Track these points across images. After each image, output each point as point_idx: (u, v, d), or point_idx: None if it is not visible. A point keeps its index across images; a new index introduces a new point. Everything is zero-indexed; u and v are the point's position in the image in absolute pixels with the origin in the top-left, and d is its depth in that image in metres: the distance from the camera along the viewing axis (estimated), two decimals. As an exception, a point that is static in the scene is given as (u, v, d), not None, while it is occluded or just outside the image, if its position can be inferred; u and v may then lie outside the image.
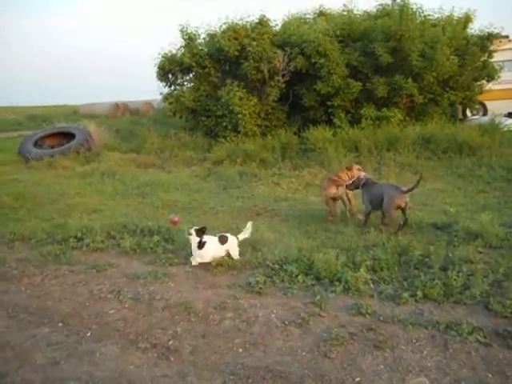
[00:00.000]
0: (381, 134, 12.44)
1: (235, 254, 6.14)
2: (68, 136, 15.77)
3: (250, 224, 6.37)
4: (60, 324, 4.83)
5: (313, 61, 13.62)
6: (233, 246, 6.16)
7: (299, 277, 5.56)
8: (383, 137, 12.29)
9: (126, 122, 22.65)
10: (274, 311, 4.91)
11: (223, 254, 6.12)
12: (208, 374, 3.97)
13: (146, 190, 9.98)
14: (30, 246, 7.13)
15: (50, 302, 5.31)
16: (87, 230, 7.26)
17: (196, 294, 5.34)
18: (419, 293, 5.04)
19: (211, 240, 6.07)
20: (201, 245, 6.00)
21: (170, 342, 4.44)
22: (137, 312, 5.01)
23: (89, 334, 4.62)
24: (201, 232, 6.01)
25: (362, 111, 13.50)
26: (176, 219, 6.75)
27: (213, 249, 6.05)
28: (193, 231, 5.99)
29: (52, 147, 15.36)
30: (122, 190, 10.24)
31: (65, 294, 5.48)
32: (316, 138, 12.49)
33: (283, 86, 14.29)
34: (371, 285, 5.33)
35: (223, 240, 6.12)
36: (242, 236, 6.29)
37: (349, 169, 7.73)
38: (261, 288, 5.38)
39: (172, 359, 4.20)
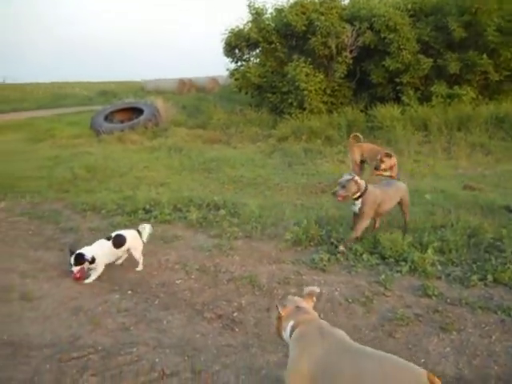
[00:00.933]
0: (452, 112, 12.00)
1: (138, 255, 5.54)
2: (136, 111, 16.16)
3: (147, 226, 5.75)
4: (129, 292, 5.02)
5: (382, 36, 13.25)
6: (134, 244, 5.54)
7: (364, 255, 5.52)
8: (454, 115, 11.85)
9: (192, 98, 22.93)
10: (338, 289, 4.91)
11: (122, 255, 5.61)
12: (271, 347, 4.02)
13: (211, 166, 10.11)
14: (100, 216, 7.41)
15: (119, 270, 5.52)
16: (155, 203, 7.46)
17: (260, 268, 5.40)
18: (489, 276, 4.90)
19: (101, 247, 5.34)
20: (90, 261, 5.20)
21: (235, 314, 4.53)
22: (203, 283, 5.13)
23: (156, 302, 4.78)
24: (78, 257, 5.15)
25: (432, 89, 13.02)
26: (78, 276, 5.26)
27: (106, 257, 5.37)
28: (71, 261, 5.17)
29: (121, 122, 15.79)
30: (189, 164, 10.41)
31: (134, 263, 5.67)
32: (383, 116, 12.22)
33: (351, 62, 14.02)
34: (439, 266, 5.22)
35: (119, 241, 5.44)
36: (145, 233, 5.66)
37: (389, 156, 7.43)
38: (325, 265, 5.37)
39: (236, 330, 4.29)
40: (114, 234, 5.48)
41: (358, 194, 5.58)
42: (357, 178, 5.61)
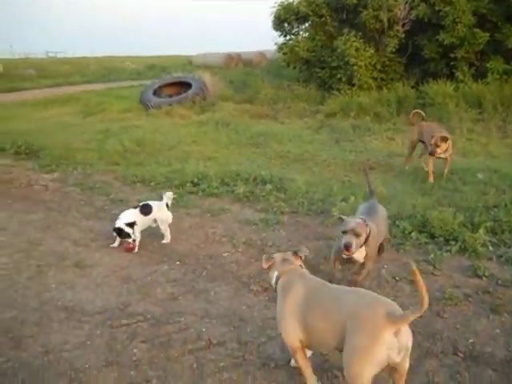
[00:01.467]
0: (508, 89, 11.53)
1: (164, 227, 5.64)
2: (184, 85, 16.25)
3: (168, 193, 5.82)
4: (178, 262, 5.13)
5: (436, 8, 12.75)
6: (161, 215, 5.63)
7: (412, 234, 5.44)
8: (511, 93, 11.40)
9: (239, 72, 22.87)
10: (385, 266, 4.87)
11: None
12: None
13: (258, 140, 10.11)
14: (149, 188, 7.57)
15: (169, 242, 5.62)
16: (203, 176, 7.55)
17: (306, 243, 5.40)
18: (544, 259, 4.75)
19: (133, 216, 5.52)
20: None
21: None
22: (249, 256, 5.18)
23: (204, 274, 4.86)
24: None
25: (488, 64, 12.50)
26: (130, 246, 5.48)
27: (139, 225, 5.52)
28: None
29: (170, 96, 15.92)
30: (236, 139, 10.45)
31: (181, 235, 5.78)
32: (435, 93, 11.86)
33: (402, 36, 13.60)
34: (490, 247, 5.09)
35: (147, 210, 5.59)
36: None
37: (444, 139, 7.15)
38: (372, 242, 5.32)
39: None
40: (140, 204, 5.65)
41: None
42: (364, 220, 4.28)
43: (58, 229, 6.08)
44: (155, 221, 5.60)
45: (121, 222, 5.35)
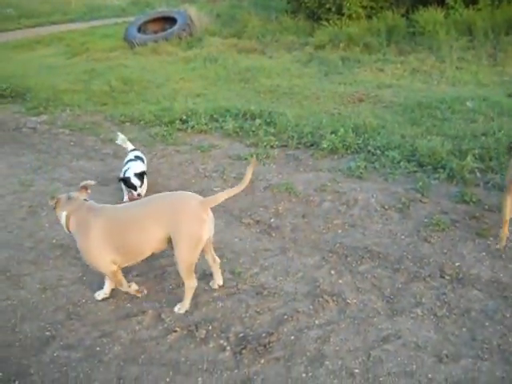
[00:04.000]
0: (500, 15, 11.24)
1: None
2: (169, 21, 15.76)
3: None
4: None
5: None
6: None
7: (401, 163, 5.48)
8: (502, 19, 11.11)
9: (226, 6, 22.13)
10: (374, 195, 4.93)
11: None
12: (308, 251, 4.14)
13: (247, 76, 9.94)
14: (138, 127, 7.50)
15: (159, 178, 5.65)
16: (192, 113, 7.48)
17: (297, 176, 5.45)
18: (530, 183, 4.81)
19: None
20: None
21: (272, 220, 4.64)
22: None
23: (196, 209, 4.90)
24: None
25: (480, -11, 12.19)
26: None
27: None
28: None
29: (155, 32, 15.48)
30: (224, 75, 10.27)
31: (173, 171, 5.79)
32: (426, 21, 11.57)
33: (393, -39, 13.15)
34: (477, 174, 5.15)
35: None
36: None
37: None
38: (361, 173, 5.37)
39: (273, 235, 4.41)
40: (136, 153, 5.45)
41: None
42: None
43: (48, 170, 6.08)
44: None
45: (131, 172, 4.97)
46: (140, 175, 4.95)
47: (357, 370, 2.92)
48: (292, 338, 3.21)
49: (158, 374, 3.01)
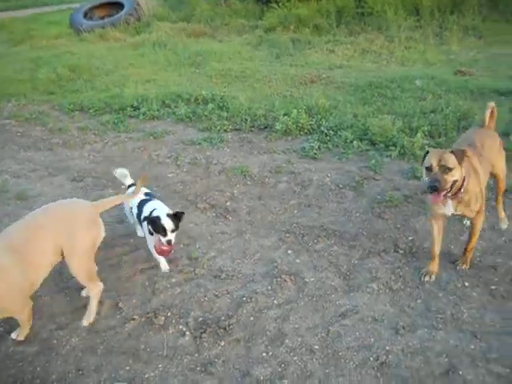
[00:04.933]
0: (445, -7, 11.49)
1: None
2: (116, 6, 15.38)
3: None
4: (122, 186, 5.04)
5: None
6: None
7: (354, 142, 5.54)
8: (448, -3, 11.36)
9: (174, -11, 21.83)
10: (329, 175, 4.98)
11: None
12: (264, 232, 4.15)
13: (198, 60, 9.83)
14: (88, 115, 7.32)
15: (112, 166, 5.50)
16: (143, 100, 7.36)
17: (251, 158, 5.44)
18: (478, 157, 4.95)
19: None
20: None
21: (228, 203, 4.63)
22: (194, 175, 5.18)
23: (150, 196, 4.84)
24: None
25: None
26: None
27: None
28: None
29: (102, 18, 15.10)
30: (175, 60, 10.12)
31: (125, 159, 5.69)
32: (374, 1, 11.68)
33: None
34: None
35: None
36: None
37: None
38: (315, 153, 5.41)
39: (230, 218, 4.40)
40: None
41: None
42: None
43: (-5, 162, 5.88)
44: None
45: (161, 212, 3.55)
46: (175, 217, 3.55)
47: (316, 347, 2.96)
48: (251, 319, 3.22)
49: (117, 362, 2.97)
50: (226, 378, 2.82)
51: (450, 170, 3.05)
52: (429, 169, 3.11)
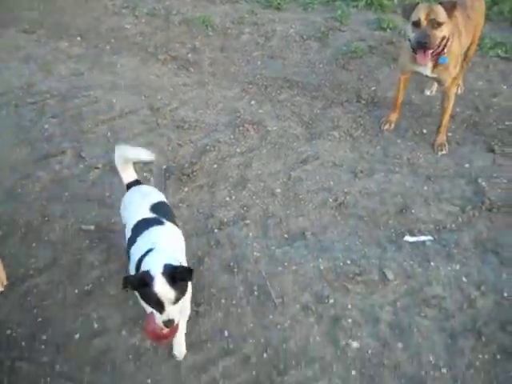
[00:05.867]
0: None
1: None
2: None
3: None
4: (78, 38, 4.81)
5: None
6: None
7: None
8: None
9: None
10: (293, 26, 4.81)
11: None
12: (227, 84, 4.09)
13: None
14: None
15: (66, 17, 5.20)
16: None
17: (213, 8, 5.18)
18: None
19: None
20: None
21: (189, 55, 4.48)
22: (154, 27, 4.93)
23: (108, 48, 4.64)
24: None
25: None
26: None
27: None
28: None
29: None
30: None
31: (79, 9, 5.33)
32: None
33: None
34: (395, 1, 5.07)
35: None
36: None
37: None
38: (279, 3, 5.17)
39: (192, 70, 4.29)
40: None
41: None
42: None
43: None
44: None
45: (156, 266, 1.88)
46: (179, 275, 1.88)
47: (278, 190, 3.06)
48: (215, 166, 3.27)
49: (83, 209, 3.01)
50: (190, 220, 2.92)
51: (440, 24, 2.84)
52: (416, 24, 2.87)
